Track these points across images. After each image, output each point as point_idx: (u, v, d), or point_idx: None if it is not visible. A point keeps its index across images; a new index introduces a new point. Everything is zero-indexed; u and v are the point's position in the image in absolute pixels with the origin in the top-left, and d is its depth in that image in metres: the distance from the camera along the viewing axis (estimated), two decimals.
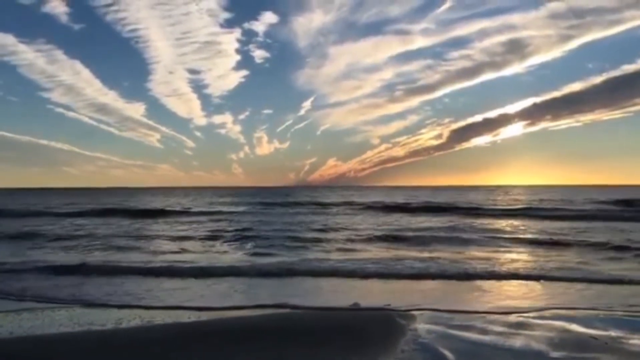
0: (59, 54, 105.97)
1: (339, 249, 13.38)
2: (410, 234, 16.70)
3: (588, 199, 40.30)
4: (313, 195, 58.85)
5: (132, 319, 6.12)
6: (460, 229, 18.28)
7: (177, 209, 33.35)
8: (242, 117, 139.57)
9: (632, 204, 31.22)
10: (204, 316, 6.34)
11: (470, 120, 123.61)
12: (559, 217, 23.94)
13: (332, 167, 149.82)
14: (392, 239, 15.53)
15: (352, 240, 15.23)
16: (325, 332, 5.38)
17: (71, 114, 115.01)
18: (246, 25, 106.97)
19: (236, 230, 18.68)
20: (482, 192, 69.66)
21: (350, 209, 32.60)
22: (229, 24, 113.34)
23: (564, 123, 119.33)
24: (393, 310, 6.35)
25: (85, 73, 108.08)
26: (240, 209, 34.76)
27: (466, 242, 14.47)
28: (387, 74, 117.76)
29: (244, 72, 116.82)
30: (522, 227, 19.66)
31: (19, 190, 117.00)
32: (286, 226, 20.30)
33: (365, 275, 9.19)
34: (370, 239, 15.50)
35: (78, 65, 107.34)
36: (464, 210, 29.12)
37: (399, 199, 46.81)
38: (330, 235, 16.89)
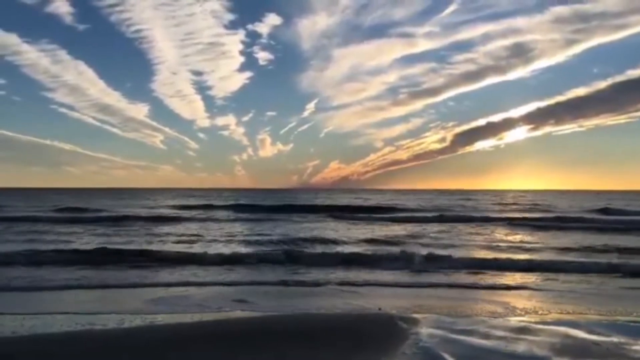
0: (63, 54, 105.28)
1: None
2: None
3: (574, 206, 39.02)
4: (298, 198, 54.10)
5: (133, 319, 6.12)
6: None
7: (125, 212, 30.02)
8: (245, 118, 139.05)
9: (610, 213, 29.83)
10: (205, 317, 6.35)
11: (474, 124, 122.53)
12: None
13: (335, 170, 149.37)
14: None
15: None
16: (326, 334, 5.37)
17: (74, 114, 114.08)
18: (250, 26, 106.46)
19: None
20: (476, 195, 69.24)
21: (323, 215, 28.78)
22: (233, 26, 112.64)
23: (568, 128, 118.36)
24: (395, 314, 6.34)
25: (89, 73, 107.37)
26: (199, 213, 31.17)
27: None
28: (391, 77, 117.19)
29: (248, 74, 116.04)
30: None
31: (21, 189, 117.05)
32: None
33: None
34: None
35: (82, 65, 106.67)
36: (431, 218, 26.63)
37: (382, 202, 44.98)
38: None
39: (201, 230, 19.93)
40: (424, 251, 12.31)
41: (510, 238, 17.49)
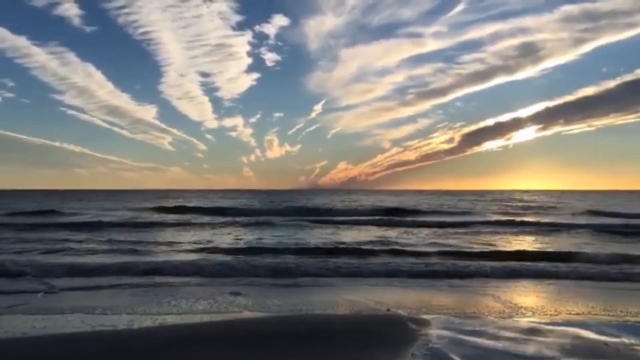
0: (72, 57, 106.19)
1: None
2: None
3: (577, 207, 38.01)
4: (293, 200, 52.31)
5: (143, 320, 6.17)
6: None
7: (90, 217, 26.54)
8: (253, 120, 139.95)
9: (613, 215, 28.77)
10: (214, 318, 6.39)
11: (482, 124, 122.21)
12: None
13: (342, 171, 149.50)
14: None
15: None
16: (335, 335, 5.38)
17: (83, 116, 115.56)
18: (257, 28, 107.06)
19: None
20: (480, 196, 68.97)
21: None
22: (240, 27, 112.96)
23: (577, 127, 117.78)
24: (404, 314, 6.35)
25: (98, 75, 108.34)
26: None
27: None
28: (399, 77, 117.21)
29: (255, 75, 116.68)
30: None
31: (30, 191, 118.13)
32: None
33: None
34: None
35: (90, 67, 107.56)
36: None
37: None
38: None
39: (176, 237, 17.90)
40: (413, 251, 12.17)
41: (509, 240, 17.40)
